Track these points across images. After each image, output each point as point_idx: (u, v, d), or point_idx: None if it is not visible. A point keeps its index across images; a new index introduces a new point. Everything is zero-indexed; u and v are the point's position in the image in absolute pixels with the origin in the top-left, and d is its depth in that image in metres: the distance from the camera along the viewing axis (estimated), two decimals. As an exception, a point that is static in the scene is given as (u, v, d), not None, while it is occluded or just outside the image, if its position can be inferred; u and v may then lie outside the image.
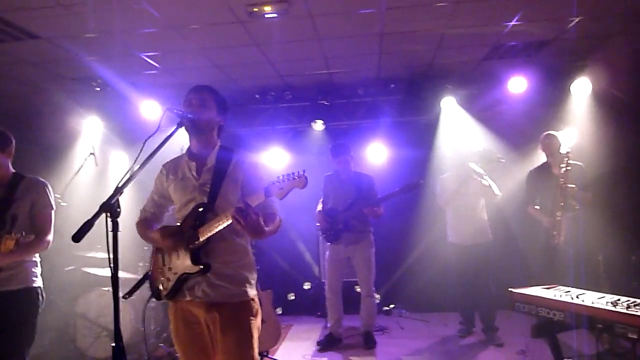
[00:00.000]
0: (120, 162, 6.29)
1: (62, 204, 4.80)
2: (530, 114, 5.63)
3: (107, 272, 4.63)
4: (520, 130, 5.60)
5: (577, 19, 4.19)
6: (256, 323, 2.31)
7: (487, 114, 5.80)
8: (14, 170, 2.94)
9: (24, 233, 2.56)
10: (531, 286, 3.05)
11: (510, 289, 3.00)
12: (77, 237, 1.67)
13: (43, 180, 2.98)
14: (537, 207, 4.64)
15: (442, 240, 5.30)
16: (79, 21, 3.80)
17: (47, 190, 2.95)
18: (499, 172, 5.14)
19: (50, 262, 5.02)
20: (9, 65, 4.75)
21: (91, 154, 4.95)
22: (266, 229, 2.15)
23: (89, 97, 5.67)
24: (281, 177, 2.06)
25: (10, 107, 5.78)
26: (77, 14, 3.67)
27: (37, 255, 2.97)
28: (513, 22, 4.22)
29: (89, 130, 5.96)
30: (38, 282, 2.93)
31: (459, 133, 5.71)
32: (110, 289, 4.54)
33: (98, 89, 5.46)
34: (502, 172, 5.24)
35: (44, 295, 2.95)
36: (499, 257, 5.19)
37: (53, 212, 2.95)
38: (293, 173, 2.05)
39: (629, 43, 4.77)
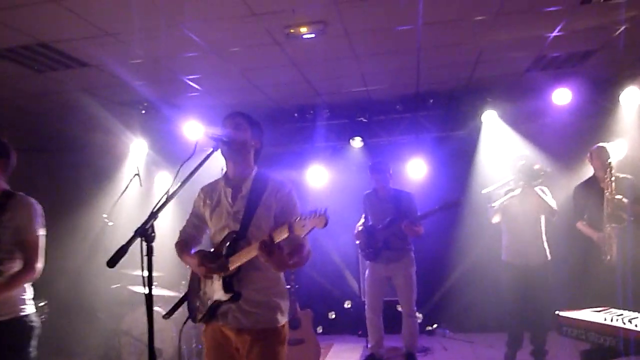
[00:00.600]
0: (164, 182, 6.47)
1: (109, 223, 4.99)
2: (576, 126, 5.42)
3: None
4: (566, 143, 5.39)
5: (623, 28, 4.03)
6: (283, 350, 2.31)
7: (531, 127, 5.60)
8: (6, 187, 2.69)
9: None
10: (580, 308, 2.90)
11: (557, 312, 2.86)
12: (112, 262, 1.71)
13: (33, 200, 2.69)
14: (585, 222, 4.44)
15: (487, 258, 5.13)
16: (126, 48, 3.97)
17: (36, 212, 2.66)
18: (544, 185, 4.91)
19: (96, 280, 5.22)
20: (62, 92, 5.01)
21: (136, 174, 5.12)
22: (290, 262, 2.15)
23: (135, 120, 5.89)
24: (305, 215, 1.97)
25: (62, 132, 6.08)
26: (123, 42, 3.85)
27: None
28: (555, 33, 4.10)
29: (135, 151, 6.17)
30: (28, 310, 2.65)
31: (500, 147, 5.56)
32: (157, 308, 4.64)
33: (143, 111, 5.68)
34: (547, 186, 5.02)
35: (36, 320, 2.68)
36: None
37: (42, 236, 2.67)
38: (315, 210, 1.94)
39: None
